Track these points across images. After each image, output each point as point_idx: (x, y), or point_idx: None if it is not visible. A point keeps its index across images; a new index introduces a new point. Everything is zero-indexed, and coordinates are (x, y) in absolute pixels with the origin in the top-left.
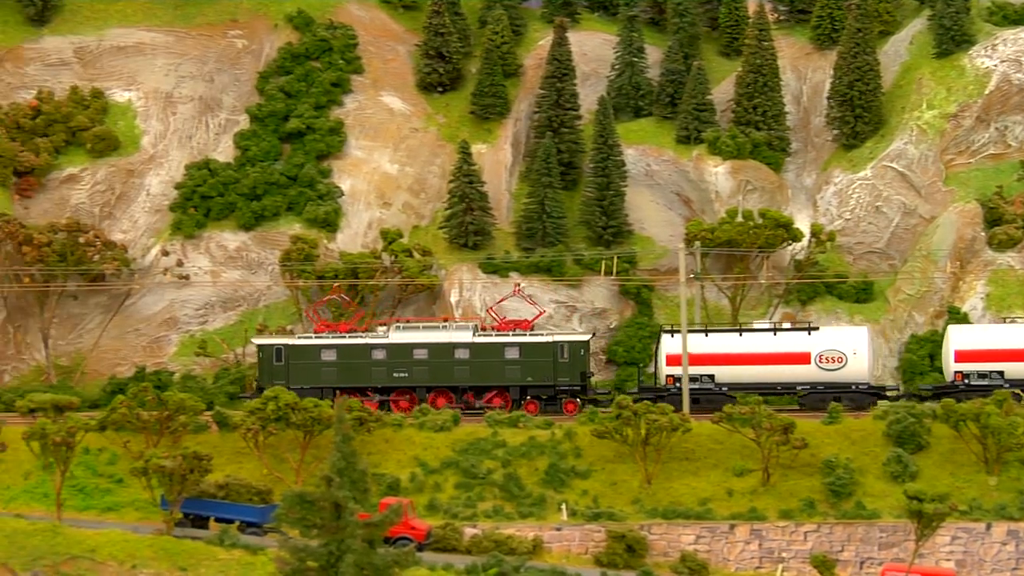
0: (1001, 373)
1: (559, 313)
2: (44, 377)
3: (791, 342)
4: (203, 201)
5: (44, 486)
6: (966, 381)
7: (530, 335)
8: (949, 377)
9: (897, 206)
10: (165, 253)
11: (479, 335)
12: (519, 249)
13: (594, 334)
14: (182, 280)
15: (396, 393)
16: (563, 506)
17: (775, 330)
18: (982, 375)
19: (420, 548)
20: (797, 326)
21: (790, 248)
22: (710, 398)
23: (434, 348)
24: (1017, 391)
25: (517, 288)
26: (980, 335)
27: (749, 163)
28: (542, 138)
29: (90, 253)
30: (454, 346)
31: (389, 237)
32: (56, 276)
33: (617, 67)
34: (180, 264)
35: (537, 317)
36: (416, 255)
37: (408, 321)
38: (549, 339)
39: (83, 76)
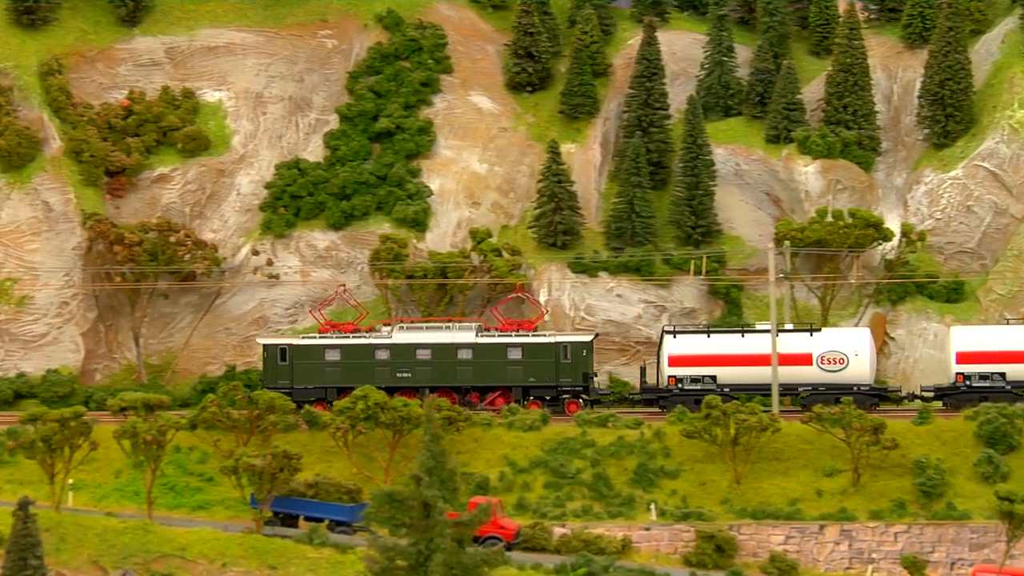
0: (1003, 375)
1: (648, 313)
2: (135, 376)
3: (793, 343)
4: (293, 200)
5: (135, 484)
6: (967, 383)
7: (532, 336)
8: (951, 378)
9: (988, 205)
10: (255, 252)
11: (482, 335)
12: (608, 249)
13: (596, 335)
14: (272, 279)
15: (399, 393)
16: (652, 506)
17: (777, 331)
18: (984, 376)
19: (509, 548)
20: (799, 327)
21: (880, 248)
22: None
23: (437, 348)
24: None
25: (518, 288)
26: (982, 336)
27: (839, 162)
28: (631, 137)
29: (181, 252)
30: (457, 346)
31: (478, 237)
32: (147, 275)
33: (707, 66)
34: (270, 263)
35: (540, 318)
36: (505, 255)
37: (412, 321)
38: (551, 340)
39: (174, 76)
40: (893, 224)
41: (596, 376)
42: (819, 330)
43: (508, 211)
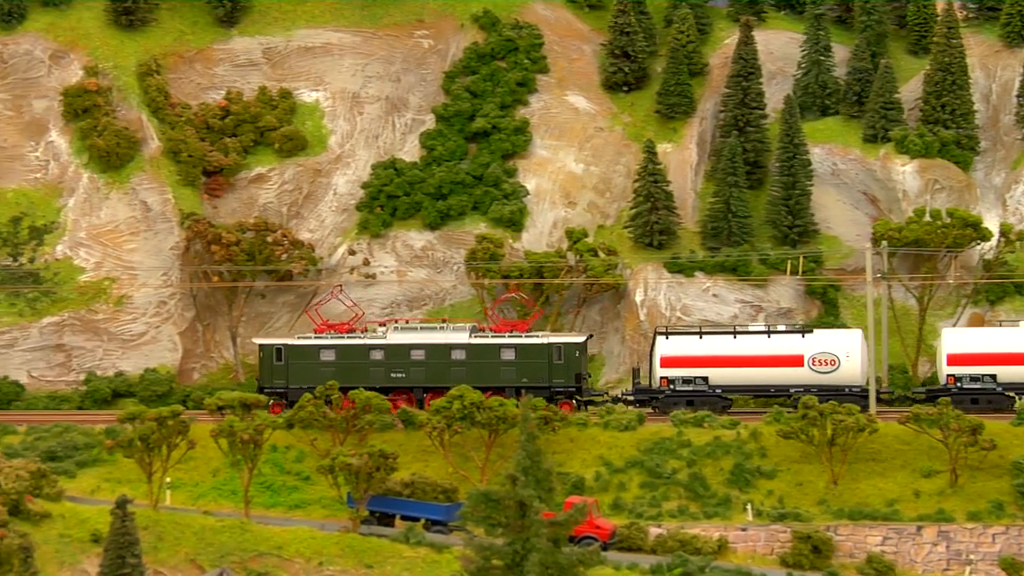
0: (993, 376)
1: (744, 313)
2: (232, 375)
3: (785, 344)
4: (389, 200)
5: (232, 483)
6: (958, 384)
7: (525, 337)
8: (942, 380)
9: None
10: (352, 252)
11: (475, 336)
12: (704, 248)
13: (591, 336)
14: (368, 279)
15: (394, 394)
16: (748, 506)
17: (769, 332)
18: (974, 378)
19: (605, 547)
20: (791, 328)
21: (979, 248)
22: (704, 400)
23: (431, 349)
24: (1012, 394)
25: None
26: (973, 338)
27: (937, 162)
28: (727, 137)
29: (278, 252)
30: (451, 347)
31: (574, 236)
32: (244, 275)
33: (804, 65)
34: (366, 263)
35: (535, 318)
36: (601, 254)
37: (407, 321)
38: (544, 341)
39: (271, 76)
40: (992, 224)
41: (589, 377)
42: (811, 331)
43: (604, 211)
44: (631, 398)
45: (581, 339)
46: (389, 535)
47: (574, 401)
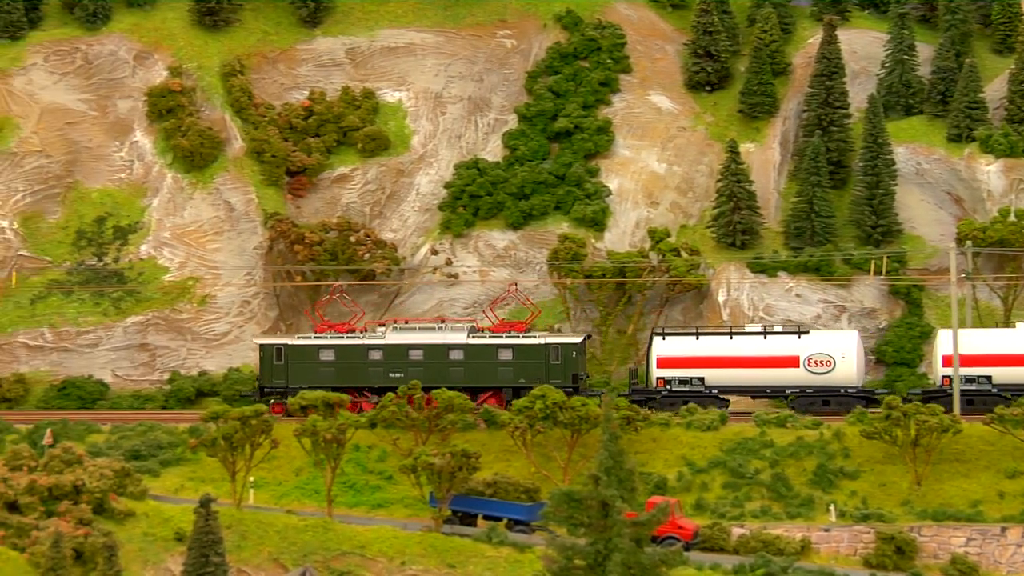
0: (989, 378)
1: (827, 313)
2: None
3: (781, 345)
4: (472, 200)
5: (315, 482)
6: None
7: (523, 337)
8: (937, 381)
9: None
10: (434, 252)
11: (473, 336)
12: (787, 248)
13: (588, 336)
14: (451, 279)
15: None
16: (832, 507)
17: (765, 333)
18: (969, 379)
19: (687, 548)
20: (787, 329)
21: None
22: (700, 400)
23: (429, 349)
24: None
25: (512, 288)
26: (968, 340)
27: (1022, 161)
28: (811, 137)
29: (360, 252)
30: (448, 347)
31: (656, 236)
32: (327, 274)
33: (887, 65)
34: (449, 263)
35: (533, 317)
36: (683, 254)
37: (406, 322)
38: (541, 341)
39: (354, 76)
40: None
41: (587, 377)
42: (807, 332)
43: (687, 211)
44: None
45: (578, 339)
46: (471, 535)
47: None
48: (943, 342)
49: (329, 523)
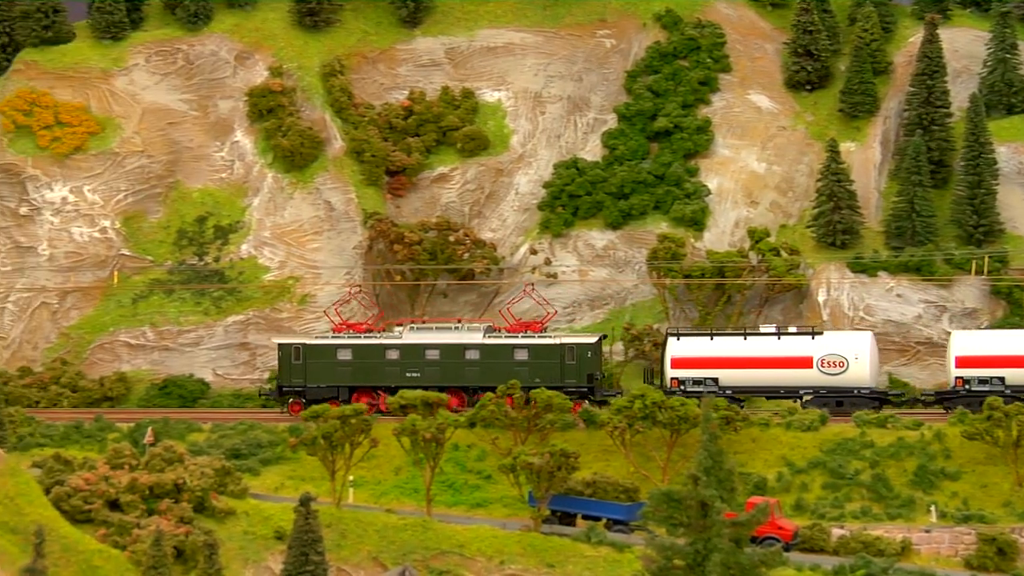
0: (1002, 379)
1: (928, 313)
2: None
3: (794, 346)
4: (571, 200)
5: (414, 481)
6: (967, 387)
7: (539, 337)
8: (951, 382)
9: None
10: (533, 252)
11: (489, 336)
12: (888, 248)
13: (604, 336)
14: (550, 278)
15: None
16: (932, 508)
17: (779, 334)
18: (983, 380)
19: (787, 548)
20: (801, 330)
21: None
22: None
23: (445, 349)
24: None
25: (529, 287)
26: (981, 341)
27: None
28: (911, 136)
29: (460, 251)
30: (465, 347)
31: (756, 236)
32: (427, 274)
33: (989, 64)
34: (548, 263)
35: (549, 318)
36: (783, 254)
37: (424, 322)
38: (556, 341)
39: (454, 76)
40: None
41: (603, 377)
42: (820, 333)
43: (786, 210)
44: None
45: (593, 340)
46: (570, 534)
47: (586, 402)
48: (956, 344)
49: (428, 522)
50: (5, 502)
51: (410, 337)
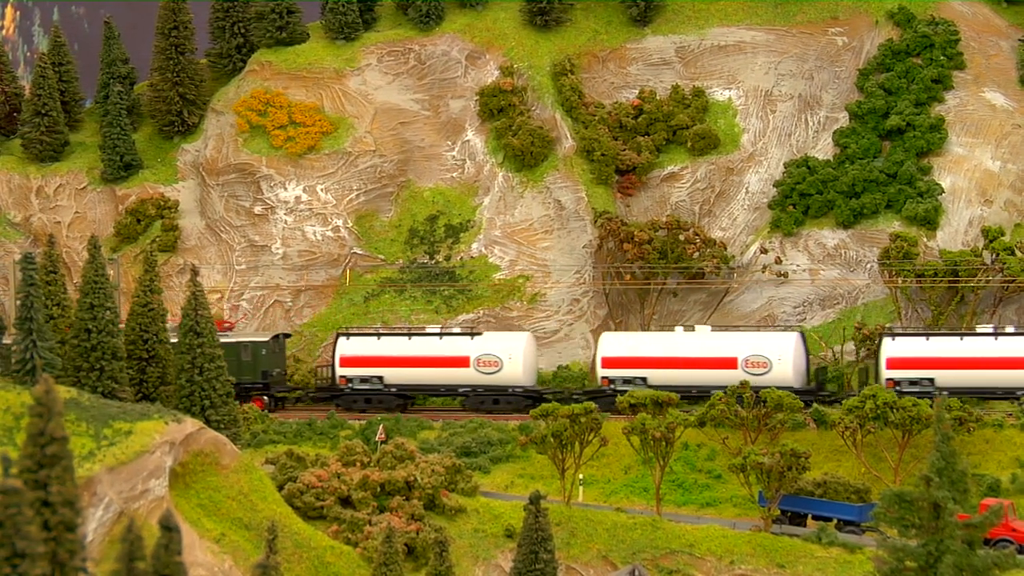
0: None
1: None
2: None
3: (453, 346)
4: (802, 199)
5: (643, 480)
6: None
7: (223, 336)
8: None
9: None
10: (764, 251)
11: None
12: None
13: (287, 336)
14: (781, 277)
15: None
16: None
17: (441, 335)
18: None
19: (1021, 551)
20: (460, 331)
21: None
22: (381, 398)
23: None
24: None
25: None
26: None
27: None
28: None
29: (690, 250)
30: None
31: (990, 235)
32: (656, 273)
33: None
34: (778, 262)
35: (239, 320)
36: (1018, 253)
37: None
38: (235, 340)
39: (684, 75)
40: None
41: (284, 373)
42: (479, 334)
43: (1021, 209)
44: (313, 395)
45: (266, 338)
46: (801, 535)
47: (265, 398)
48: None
49: (658, 521)
50: (239, 499)
51: None
